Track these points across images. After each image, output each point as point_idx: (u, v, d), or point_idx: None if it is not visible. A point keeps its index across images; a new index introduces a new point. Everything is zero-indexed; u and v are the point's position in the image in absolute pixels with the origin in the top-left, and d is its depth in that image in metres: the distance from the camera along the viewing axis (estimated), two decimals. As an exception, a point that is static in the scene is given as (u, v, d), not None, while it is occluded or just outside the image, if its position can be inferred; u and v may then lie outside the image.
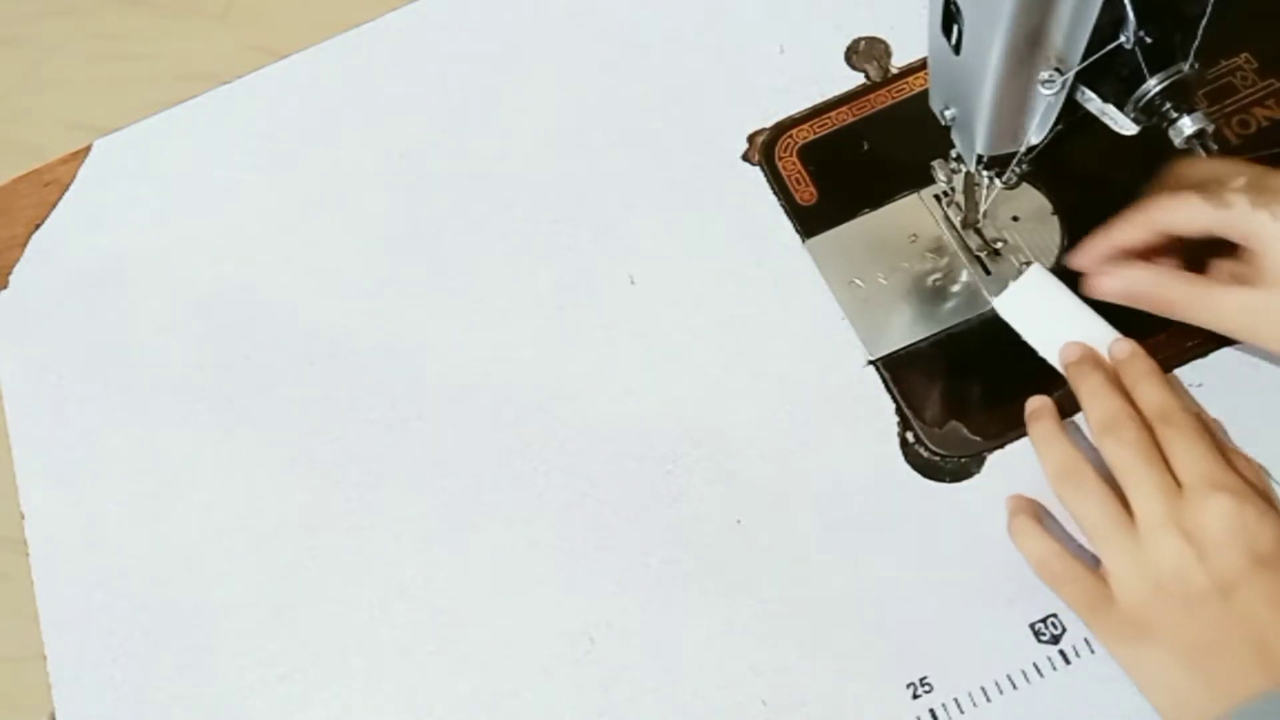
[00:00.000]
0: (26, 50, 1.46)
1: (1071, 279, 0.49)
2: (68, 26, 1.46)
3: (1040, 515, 0.47)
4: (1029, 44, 0.38)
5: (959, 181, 0.50)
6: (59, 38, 1.46)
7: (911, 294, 0.52)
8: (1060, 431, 0.47)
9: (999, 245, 0.52)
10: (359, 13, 0.64)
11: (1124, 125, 0.41)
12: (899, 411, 0.50)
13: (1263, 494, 0.44)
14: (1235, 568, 0.41)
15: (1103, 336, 0.48)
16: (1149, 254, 0.47)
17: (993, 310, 0.51)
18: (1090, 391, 0.46)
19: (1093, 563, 0.45)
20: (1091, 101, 0.41)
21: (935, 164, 0.50)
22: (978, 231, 0.52)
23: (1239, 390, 0.49)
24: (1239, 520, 0.41)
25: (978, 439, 0.49)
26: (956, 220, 0.53)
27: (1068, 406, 0.48)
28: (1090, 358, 0.48)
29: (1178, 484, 0.43)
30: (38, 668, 0.51)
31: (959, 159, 0.48)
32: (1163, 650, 0.42)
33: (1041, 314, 0.49)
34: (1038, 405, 0.48)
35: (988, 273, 0.52)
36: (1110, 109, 0.40)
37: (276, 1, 1.39)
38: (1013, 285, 0.50)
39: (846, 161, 0.56)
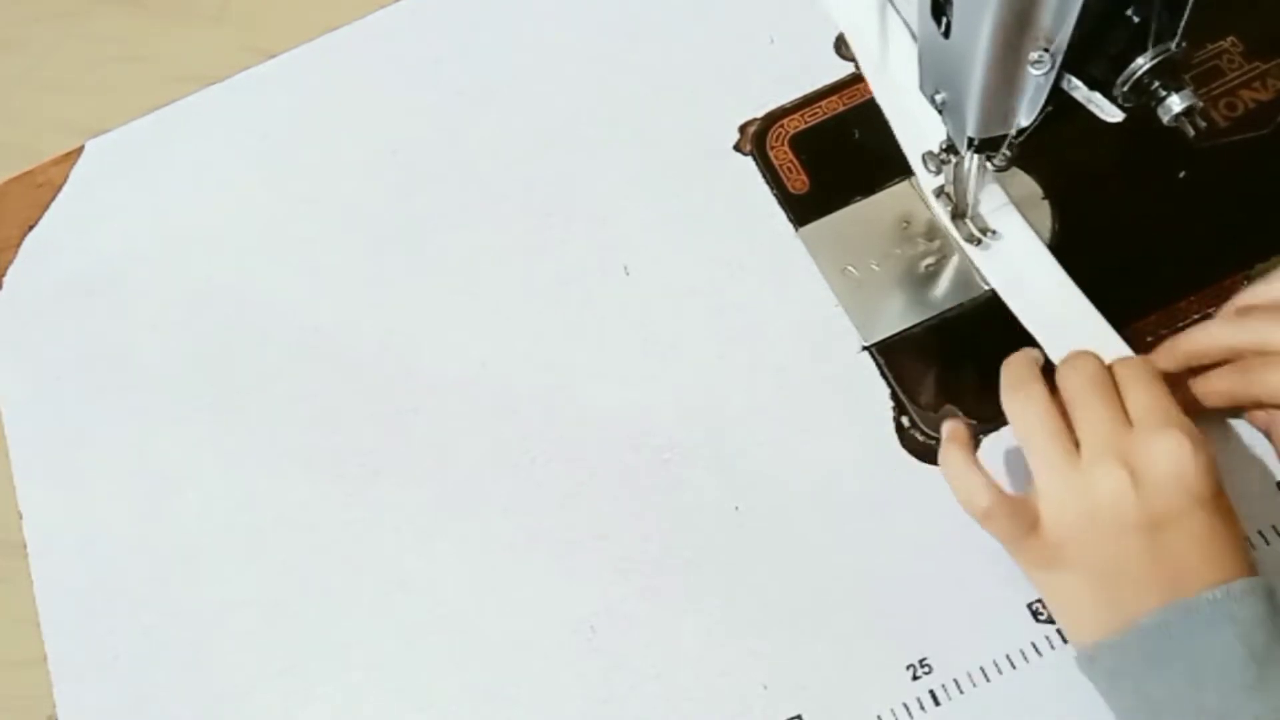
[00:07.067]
0: (23, 53, 1.45)
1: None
2: (64, 29, 1.45)
3: (973, 450, 0.46)
4: (1018, 25, 0.38)
5: (948, 173, 0.50)
6: (55, 40, 1.45)
7: (905, 280, 0.53)
8: (1031, 361, 0.46)
9: (989, 235, 0.52)
10: (356, 16, 0.63)
11: (1110, 113, 0.41)
12: (894, 396, 0.51)
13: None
14: (1170, 505, 0.41)
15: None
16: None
17: (986, 294, 0.51)
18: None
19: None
20: (1078, 89, 0.41)
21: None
22: (968, 222, 0.52)
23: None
24: (1186, 460, 0.41)
25: (973, 422, 0.49)
26: (946, 211, 0.53)
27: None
28: None
29: (1129, 423, 0.43)
30: (38, 669, 0.51)
31: (948, 149, 0.49)
32: (1078, 573, 0.42)
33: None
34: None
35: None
36: (1096, 96, 0.41)
37: (272, 4, 1.39)
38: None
39: (838, 150, 0.56)
